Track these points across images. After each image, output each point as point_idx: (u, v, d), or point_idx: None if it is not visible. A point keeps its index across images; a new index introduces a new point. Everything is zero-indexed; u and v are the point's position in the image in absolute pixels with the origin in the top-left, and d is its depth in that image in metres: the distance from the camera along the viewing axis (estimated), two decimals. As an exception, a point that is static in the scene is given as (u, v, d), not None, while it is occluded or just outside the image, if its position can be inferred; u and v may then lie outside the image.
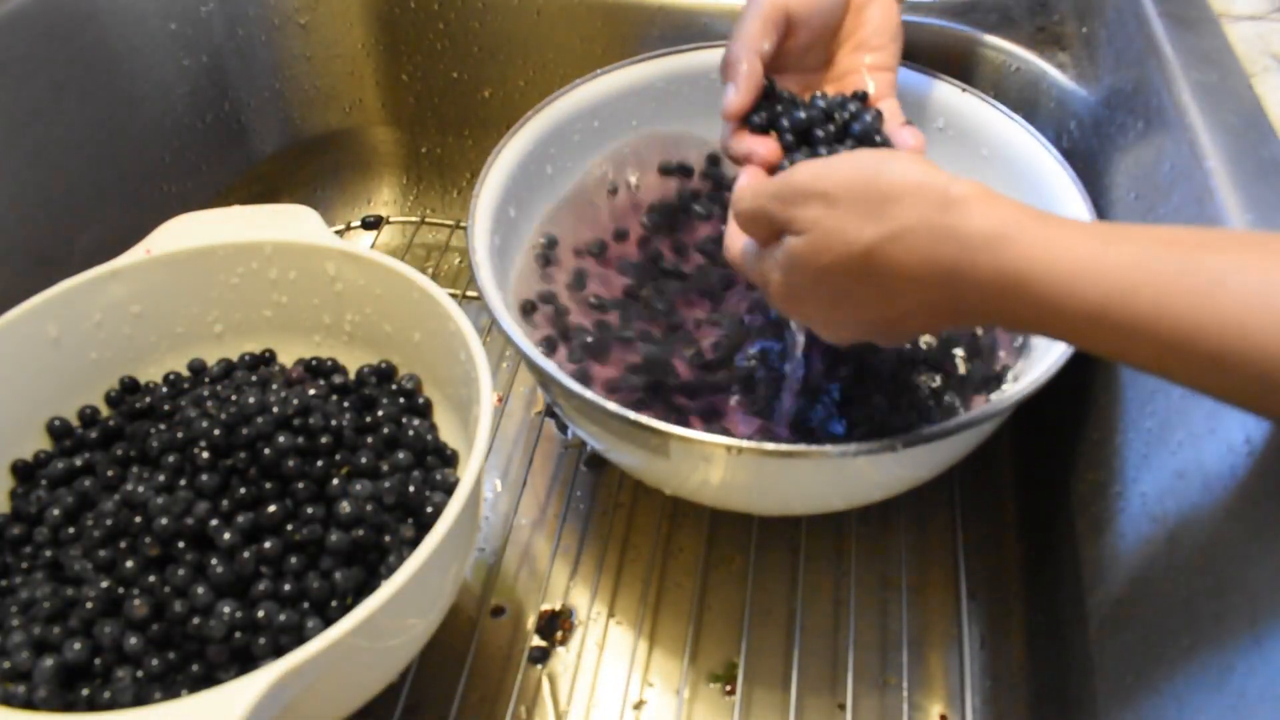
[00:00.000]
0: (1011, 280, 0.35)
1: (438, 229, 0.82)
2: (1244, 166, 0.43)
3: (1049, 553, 0.55)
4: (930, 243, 0.36)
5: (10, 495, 0.51)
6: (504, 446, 0.65)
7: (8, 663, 0.43)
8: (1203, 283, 0.31)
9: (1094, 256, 0.33)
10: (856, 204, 0.38)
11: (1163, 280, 0.32)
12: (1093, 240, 0.34)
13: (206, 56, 0.72)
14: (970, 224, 0.36)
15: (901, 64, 0.63)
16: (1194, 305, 0.31)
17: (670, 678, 0.55)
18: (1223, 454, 0.38)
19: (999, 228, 0.35)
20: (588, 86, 0.63)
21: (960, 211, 0.36)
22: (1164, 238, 0.33)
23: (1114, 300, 0.33)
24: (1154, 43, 0.52)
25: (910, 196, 0.37)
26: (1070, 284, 0.34)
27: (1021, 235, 0.35)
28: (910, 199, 0.37)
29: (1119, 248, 0.33)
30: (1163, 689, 0.40)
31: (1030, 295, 0.35)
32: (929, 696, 0.54)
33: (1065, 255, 0.34)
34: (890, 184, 0.38)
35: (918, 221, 0.37)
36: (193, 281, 0.56)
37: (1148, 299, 0.32)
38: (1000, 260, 0.35)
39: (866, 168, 0.39)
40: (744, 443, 0.44)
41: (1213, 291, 0.31)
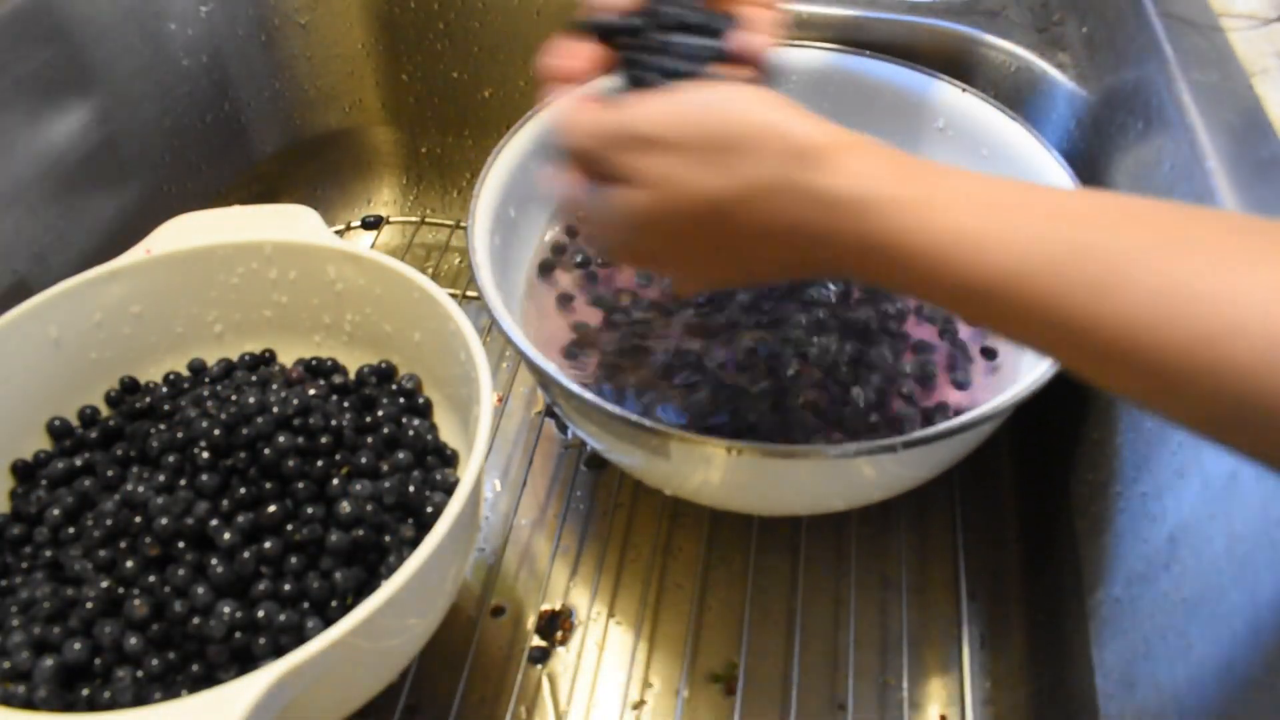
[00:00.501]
0: (882, 250, 0.31)
1: (438, 229, 0.82)
2: (1244, 166, 0.43)
3: (1049, 553, 0.55)
4: (786, 204, 0.33)
5: (10, 495, 0.51)
6: (504, 446, 0.65)
7: (8, 663, 0.43)
8: (1101, 272, 0.28)
9: (976, 233, 0.30)
10: (702, 153, 0.34)
11: (1053, 265, 0.29)
12: (974, 213, 0.30)
13: (206, 56, 0.72)
14: (830, 182, 0.32)
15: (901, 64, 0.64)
16: (1087, 297, 0.28)
17: (670, 678, 0.55)
18: (1222, 454, 0.38)
19: (862, 190, 0.32)
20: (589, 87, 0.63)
21: (818, 166, 0.32)
22: (1053, 212, 0.30)
23: (998, 283, 0.29)
24: (1154, 43, 0.52)
25: (762, 146, 0.33)
26: (948, 262, 0.30)
27: (889, 200, 0.31)
28: (762, 150, 0.33)
29: (1003, 223, 0.30)
30: (1163, 688, 0.40)
31: (904, 265, 0.31)
32: (929, 696, 0.54)
33: (942, 230, 0.30)
34: (740, 131, 0.33)
35: (770, 178, 0.33)
36: (193, 281, 0.56)
37: (1036, 286, 0.29)
38: (864, 228, 0.31)
39: (713, 110, 0.34)
40: (744, 443, 0.44)
41: (1111, 283, 0.28)
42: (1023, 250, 0.29)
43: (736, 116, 0.34)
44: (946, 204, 0.31)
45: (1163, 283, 0.27)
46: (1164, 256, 0.28)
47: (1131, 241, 0.28)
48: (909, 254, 0.31)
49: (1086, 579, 0.49)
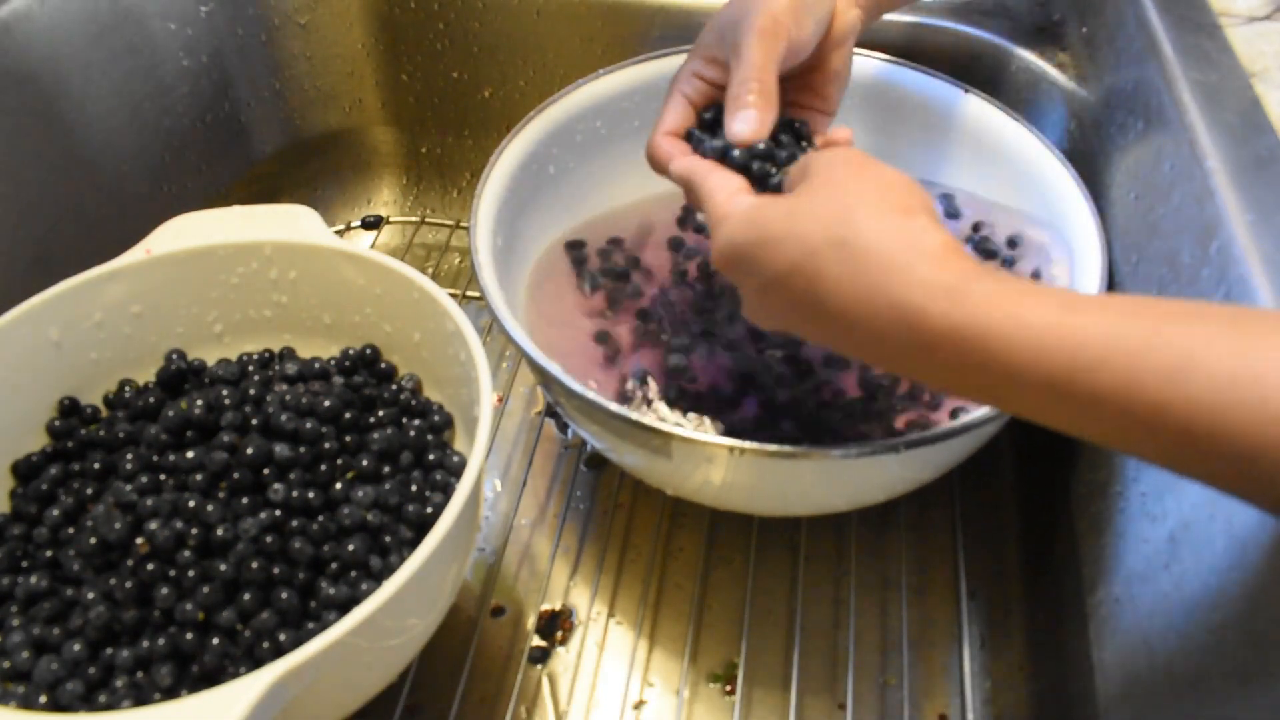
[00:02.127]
0: (965, 336, 0.33)
1: (438, 229, 0.82)
2: (1244, 166, 0.43)
3: (1049, 553, 0.55)
4: (884, 272, 0.35)
5: (10, 495, 0.51)
6: (504, 446, 0.65)
7: (8, 663, 0.43)
8: (1173, 358, 0.29)
9: (1059, 322, 0.32)
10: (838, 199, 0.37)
11: (1130, 353, 0.30)
12: (1055, 305, 0.32)
13: (206, 56, 0.72)
14: (927, 270, 0.34)
15: (901, 64, 0.64)
16: (1163, 382, 0.30)
17: (670, 678, 0.55)
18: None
19: (958, 280, 0.34)
20: (590, 86, 0.63)
21: (925, 257, 0.34)
22: (1127, 308, 0.32)
23: (1080, 370, 0.31)
24: (1154, 43, 0.52)
25: (887, 221, 0.36)
26: (1033, 349, 0.32)
27: (980, 291, 0.33)
28: (885, 223, 0.36)
29: (1084, 316, 0.32)
30: (1162, 689, 0.40)
31: (984, 354, 0.33)
32: (929, 696, 0.54)
33: (1029, 316, 0.32)
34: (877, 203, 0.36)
35: (878, 244, 0.35)
36: (193, 281, 0.56)
37: (1115, 371, 0.30)
38: (955, 317, 0.33)
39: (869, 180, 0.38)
40: (746, 443, 0.44)
41: (1183, 369, 0.29)
42: (1103, 339, 0.31)
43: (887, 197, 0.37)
44: (1033, 296, 0.33)
45: (1231, 368, 0.29)
46: (1230, 344, 0.29)
47: (1200, 333, 0.30)
48: (996, 343, 0.32)
49: (1086, 579, 0.49)
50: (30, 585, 0.46)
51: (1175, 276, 0.45)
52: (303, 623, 0.45)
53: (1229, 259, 0.40)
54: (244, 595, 0.44)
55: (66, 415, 0.53)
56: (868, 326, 0.36)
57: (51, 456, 0.52)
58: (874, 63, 0.64)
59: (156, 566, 0.44)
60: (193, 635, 0.43)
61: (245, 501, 0.47)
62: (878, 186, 0.38)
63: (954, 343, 0.33)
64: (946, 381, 0.36)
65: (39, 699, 0.42)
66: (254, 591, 0.44)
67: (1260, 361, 0.29)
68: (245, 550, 0.45)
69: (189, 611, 0.43)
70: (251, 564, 0.44)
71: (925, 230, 0.36)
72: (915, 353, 0.35)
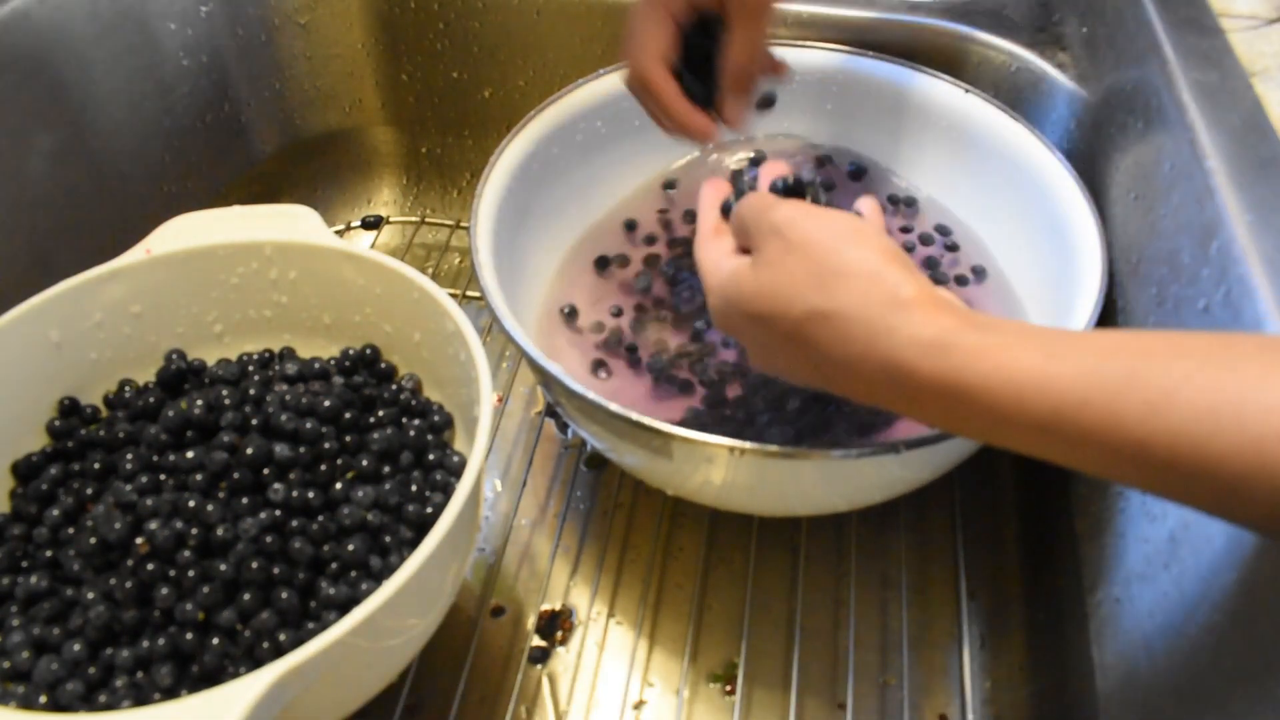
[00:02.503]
0: (955, 390, 0.35)
1: (438, 229, 0.82)
2: (1244, 166, 0.43)
3: (1049, 553, 0.55)
4: (868, 335, 0.36)
5: (10, 495, 0.51)
6: (504, 446, 0.65)
7: (8, 663, 0.43)
8: (1153, 394, 0.31)
9: (1039, 369, 0.33)
10: (811, 263, 0.38)
11: (1111, 392, 0.31)
12: (1036, 352, 0.33)
13: (206, 56, 0.72)
14: (910, 329, 0.35)
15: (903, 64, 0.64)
16: (1145, 417, 0.31)
17: (670, 678, 0.55)
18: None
19: (942, 336, 0.35)
20: (590, 86, 0.63)
21: (903, 314, 0.36)
22: (1108, 347, 0.33)
23: (1064, 412, 0.32)
24: (1154, 43, 0.52)
25: (859, 282, 0.37)
26: (1017, 396, 0.33)
27: (965, 345, 0.35)
28: (858, 285, 0.37)
29: (1064, 360, 0.33)
30: (1163, 689, 0.40)
31: (976, 405, 0.34)
32: (929, 696, 0.54)
33: (1010, 367, 0.33)
34: (845, 263, 0.38)
35: (860, 311, 0.37)
36: (193, 281, 0.56)
37: (1097, 411, 0.32)
38: (942, 369, 0.35)
39: (832, 235, 0.39)
40: (746, 444, 0.44)
41: (1163, 402, 0.30)
42: (1084, 382, 0.32)
43: (854, 254, 0.38)
44: (1014, 346, 0.34)
45: (1209, 399, 0.30)
46: (1208, 376, 0.30)
47: (1180, 366, 0.31)
48: (981, 392, 0.34)
49: (1086, 579, 0.49)
50: (30, 585, 0.46)
51: (1175, 276, 0.45)
52: (303, 623, 0.45)
53: (1229, 259, 0.40)
54: (244, 595, 0.44)
55: (66, 415, 0.53)
56: (861, 384, 0.38)
57: (51, 456, 0.52)
58: (874, 63, 0.64)
59: (156, 566, 0.44)
60: (193, 635, 0.43)
61: (245, 501, 0.47)
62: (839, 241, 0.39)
63: (942, 395, 0.35)
64: (939, 424, 0.38)
65: (39, 699, 0.42)
66: (254, 591, 0.44)
67: (1238, 391, 0.30)
68: (245, 550, 0.45)
69: (189, 611, 0.43)
70: (251, 564, 0.44)
71: (901, 283, 0.37)
72: (907, 403, 0.37)
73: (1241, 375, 0.30)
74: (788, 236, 0.40)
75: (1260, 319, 0.37)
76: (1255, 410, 0.29)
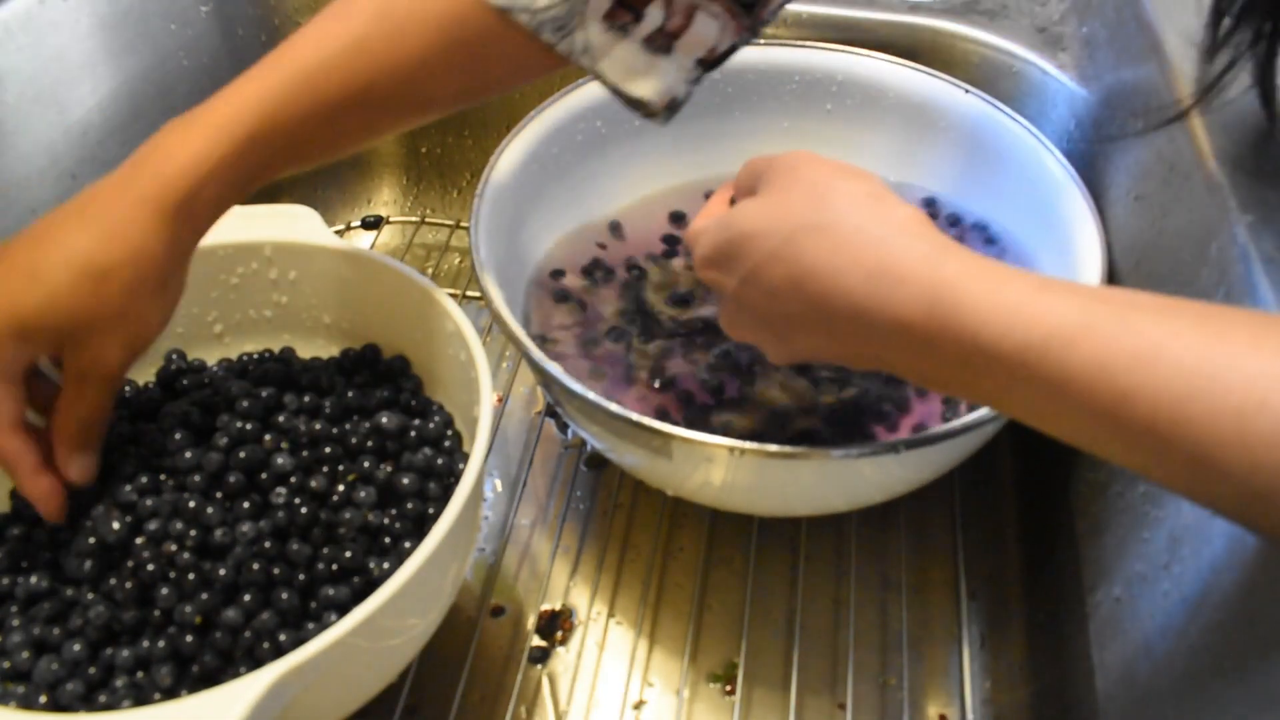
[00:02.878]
0: (941, 308, 0.33)
1: (438, 229, 0.82)
2: (1244, 166, 0.43)
3: (1049, 553, 0.55)
4: (859, 242, 0.36)
5: (10, 495, 0.51)
6: (504, 446, 0.65)
7: (8, 663, 0.43)
8: (1142, 345, 0.30)
9: (1031, 297, 0.32)
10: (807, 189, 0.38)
11: (1100, 335, 0.30)
12: (1030, 282, 0.33)
13: (207, 57, 0.72)
14: (907, 238, 0.35)
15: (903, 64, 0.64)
16: (1130, 368, 0.30)
17: (670, 678, 0.55)
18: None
19: (935, 250, 0.35)
20: (590, 86, 0.63)
21: (901, 228, 0.36)
22: (1099, 295, 0.32)
23: (1050, 347, 0.31)
24: (1154, 43, 0.52)
25: (858, 198, 0.37)
26: (1006, 321, 0.32)
27: (957, 260, 0.34)
28: (857, 200, 0.37)
29: (1056, 295, 0.32)
30: (1163, 689, 0.40)
31: (959, 328, 0.33)
32: (929, 696, 0.54)
33: (1003, 289, 0.33)
34: (846, 186, 0.38)
35: (852, 218, 0.37)
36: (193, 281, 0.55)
37: (1084, 354, 0.30)
38: (933, 280, 0.34)
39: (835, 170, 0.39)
40: (746, 444, 0.44)
41: (1150, 355, 0.29)
42: (1075, 319, 0.31)
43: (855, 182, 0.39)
44: (1010, 274, 0.33)
45: (1196, 358, 0.29)
46: (1197, 337, 0.30)
47: (1170, 323, 0.30)
48: (972, 311, 0.33)
49: (1086, 579, 0.49)
50: (30, 585, 0.46)
51: (1175, 276, 0.45)
52: (303, 623, 0.45)
53: (1229, 259, 0.40)
54: (244, 596, 0.44)
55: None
56: (845, 304, 0.36)
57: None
58: (874, 63, 0.64)
59: (156, 567, 0.44)
60: (192, 636, 0.43)
61: (245, 502, 0.47)
62: (842, 175, 0.39)
63: (930, 313, 0.34)
64: (919, 361, 0.35)
65: (39, 699, 0.42)
66: (254, 592, 0.44)
67: (1225, 355, 0.29)
68: (245, 551, 0.45)
69: (189, 612, 0.43)
70: (252, 565, 0.44)
71: (897, 204, 0.37)
72: (890, 330, 0.35)
73: (1231, 340, 0.29)
74: (794, 169, 0.40)
75: (1260, 319, 0.37)
76: (1239, 377, 0.28)
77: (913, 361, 0.36)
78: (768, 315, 0.40)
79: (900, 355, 0.36)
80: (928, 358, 0.35)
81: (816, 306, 0.37)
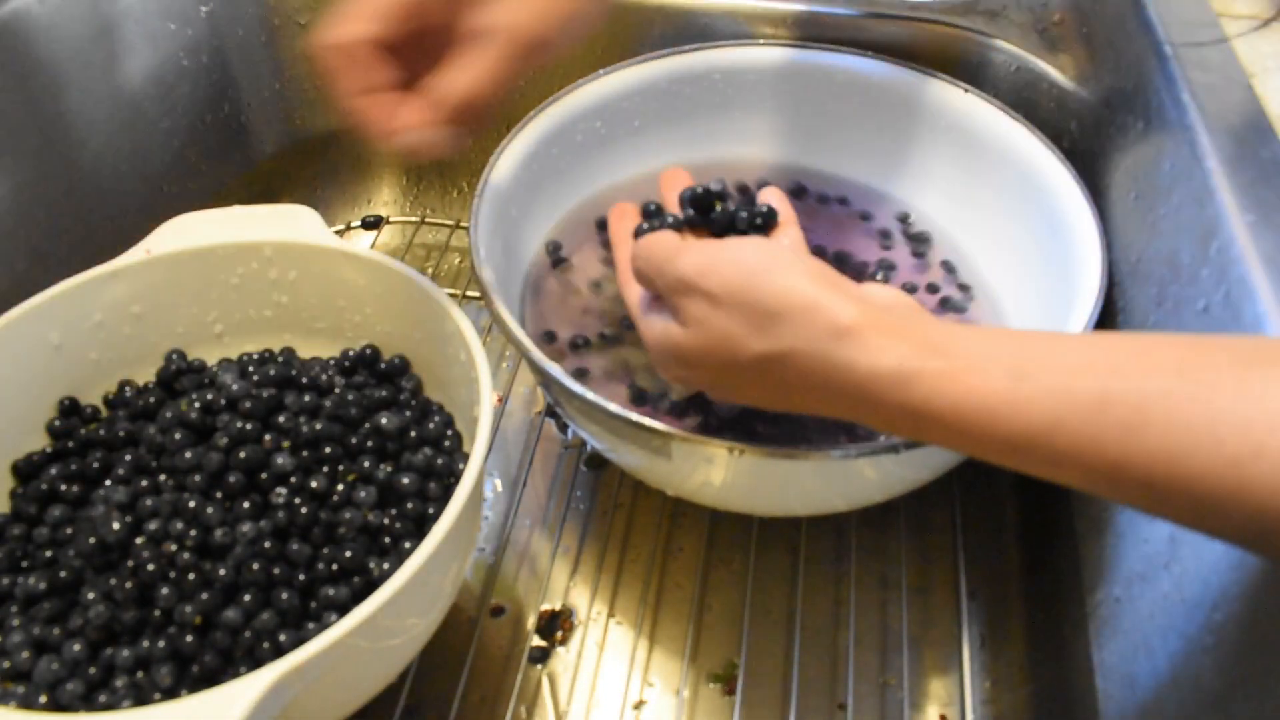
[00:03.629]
0: (922, 418, 0.34)
1: (438, 229, 0.82)
2: (1244, 167, 0.43)
3: (1049, 553, 0.55)
4: (825, 370, 0.36)
5: (10, 495, 0.51)
6: (504, 446, 0.65)
7: (8, 663, 0.44)
8: (1127, 415, 0.30)
9: (1008, 391, 0.32)
10: (741, 311, 0.37)
11: (1084, 414, 0.31)
12: (1003, 375, 0.33)
13: (206, 56, 0.72)
14: (867, 361, 0.35)
15: (902, 64, 0.64)
16: (1120, 438, 0.30)
17: (670, 678, 0.55)
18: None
19: (899, 367, 0.34)
20: (590, 86, 0.63)
21: (854, 345, 0.35)
22: (1077, 365, 0.32)
23: (1037, 434, 0.32)
24: (1154, 43, 0.52)
25: (796, 318, 0.36)
26: (989, 420, 0.33)
27: (926, 372, 0.34)
28: (796, 321, 0.36)
29: (1033, 381, 0.32)
30: (1163, 688, 0.40)
31: (945, 430, 0.34)
32: (929, 696, 0.54)
33: (978, 391, 0.33)
34: (775, 300, 0.36)
35: (807, 347, 0.36)
36: (193, 281, 0.56)
37: (1071, 433, 0.31)
38: (907, 399, 0.34)
39: (750, 274, 0.37)
40: (746, 444, 0.44)
41: (1138, 422, 0.30)
42: (1055, 404, 0.32)
43: (780, 287, 0.37)
44: (980, 370, 0.33)
45: (1185, 417, 0.30)
46: (1184, 394, 0.30)
47: (1154, 384, 0.30)
48: (951, 418, 0.33)
49: (1086, 579, 0.49)
50: (30, 585, 0.46)
51: (1175, 276, 0.45)
52: (303, 623, 0.45)
53: (1229, 259, 0.40)
54: (244, 596, 0.44)
55: (66, 415, 0.53)
56: (832, 410, 0.38)
57: (51, 456, 0.52)
58: (874, 63, 0.64)
59: (156, 567, 0.44)
60: (192, 636, 0.43)
61: (245, 503, 0.47)
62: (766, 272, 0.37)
63: (914, 420, 0.35)
64: (917, 440, 0.38)
65: (39, 699, 0.42)
66: (254, 592, 0.44)
67: (1213, 408, 0.29)
68: (245, 551, 0.45)
69: (189, 612, 0.43)
70: (252, 565, 0.44)
71: (838, 309, 0.35)
72: (882, 425, 0.37)
73: (1216, 391, 0.30)
74: (704, 288, 0.38)
75: (1260, 319, 0.37)
76: (1230, 428, 0.29)
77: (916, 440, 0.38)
78: (761, 405, 0.41)
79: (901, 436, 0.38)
80: (928, 442, 0.37)
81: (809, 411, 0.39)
